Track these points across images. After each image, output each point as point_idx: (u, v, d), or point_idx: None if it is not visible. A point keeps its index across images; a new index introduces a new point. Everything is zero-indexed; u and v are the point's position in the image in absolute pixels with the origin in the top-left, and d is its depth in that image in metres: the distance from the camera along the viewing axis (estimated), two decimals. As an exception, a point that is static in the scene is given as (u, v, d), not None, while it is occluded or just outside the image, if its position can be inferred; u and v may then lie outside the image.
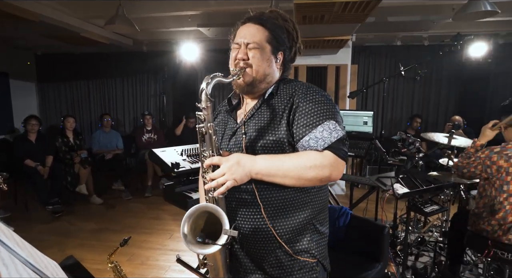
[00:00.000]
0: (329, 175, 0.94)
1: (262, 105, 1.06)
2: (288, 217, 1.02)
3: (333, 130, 0.95)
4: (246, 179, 0.94)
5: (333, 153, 0.94)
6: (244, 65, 1.04)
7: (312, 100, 1.00)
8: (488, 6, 2.98)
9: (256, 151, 1.01)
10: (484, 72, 5.26)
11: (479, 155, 1.94)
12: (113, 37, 4.73)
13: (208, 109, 0.94)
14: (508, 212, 1.84)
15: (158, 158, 2.36)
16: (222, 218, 0.89)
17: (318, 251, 1.07)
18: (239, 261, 1.10)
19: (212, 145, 0.96)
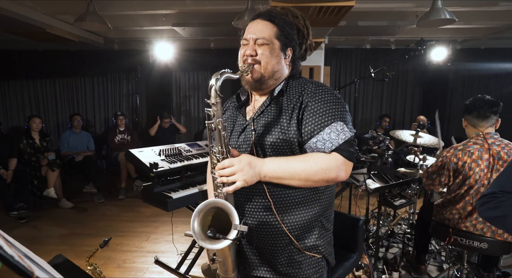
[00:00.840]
0: (336, 177, 0.95)
1: (271, 103, 1.06)
2: (297, 213, 1.03)
3: (341, 132, 0.95)
4: (255, 180, 0.95)
5: (340, 155, 0.94)
6: (253, 61, 1.02)
7: (321, 100, 0.99)
8: (447, 15, 3.23)
9: (265, 148, 1.01)
10: (444, 75, 5.66)
11: (445, 154, 2.10)
12: (83, 35, 4.55)
13: (217, 105, 0.93)
14: (467, 202, 2.01)
15: (136, 158, 2.32)
16: (232, 213, 0.90)
17: (324, 247, 1.09)
18: (245, 257, 1.11)
19: (221, 140, 0.95)
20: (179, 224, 3.40)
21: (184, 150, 2.68)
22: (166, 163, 2.35)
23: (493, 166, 1.95)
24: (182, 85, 6.01)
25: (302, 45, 1.11)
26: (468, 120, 2.11)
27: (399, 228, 3.31)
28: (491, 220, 1.02)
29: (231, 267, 1.06)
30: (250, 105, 1.13)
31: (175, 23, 4.26)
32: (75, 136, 4.80)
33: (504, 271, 2.58)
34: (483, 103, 2.01)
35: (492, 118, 2.03)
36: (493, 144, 1.99)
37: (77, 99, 6.07)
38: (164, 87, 5.87)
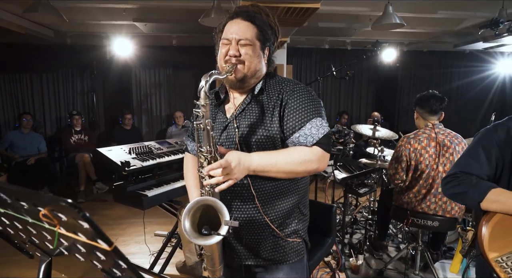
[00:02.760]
0: (317, 168, 1.04)
1: (252, 101, 1.10)
2: (278, 204, 1.10)
3: (320, 127, 1.03)
4: (244, 175, 0.99)
5: (320, 148, 1.03)
6: (236, 61, 1.05)
7: (299, 97, 1.07)
8: (397, 19, 3.57)
9: (250, 145, 1.06)
10: (393, 74, 6.19)
11: (400, 144, 2.36)
12: (30, 27, 4.18)
13: (206, 107, 0.96)
14: (421, 185, 2.27)
15: (105, 157, 2.23)
16: (222, 209, 0.93)
17: (303, 231, 1.19)
18: (233, 249, 1.16)
19: (210, 140, 0.98)
20: (148, 224, 3.31)
21: (155, 147, 2.63)
22: (138, 161, 2.30)
23: (439, 152, 2.25)
24: (142, 82, 5.79)
25: (274, 43, 1.16)
26: (420, 113, 2.40)
27: (361, 216, 3.58)
28: (454, 196, 1.18)
29: (218, 261, 1.12)
30: (229, 103, 1.16)
31: (136, 18, 4.11)
32: (23, 137, 4.40)
33: (449, 246, 2.95)
34: (434, 101, 2.30)
35: (439, 113, 2.34)
36: (439, 133, 2.29)
37: (23, 98, 5.54)
38: (124, 85, 5.62)
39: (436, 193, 2.24)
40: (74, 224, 0.38)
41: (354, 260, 2.60)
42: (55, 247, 0.44)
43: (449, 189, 1.19)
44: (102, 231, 0.36)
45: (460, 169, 1.19)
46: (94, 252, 0.43)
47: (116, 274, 0.45)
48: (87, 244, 0.41)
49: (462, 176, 1.16)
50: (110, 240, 0.38)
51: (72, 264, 0.60)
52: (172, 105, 5.90)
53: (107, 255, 0.40)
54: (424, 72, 6.30)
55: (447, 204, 2.23)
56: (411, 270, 2.55)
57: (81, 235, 0.39)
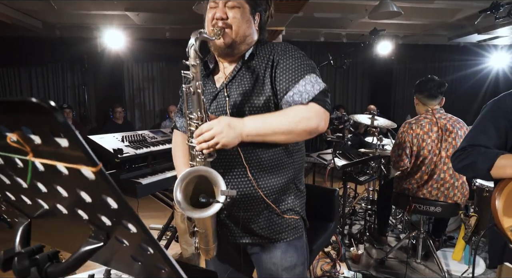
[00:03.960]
0: (317, 126, 0.95)
1: (243, 67, 1.04)
2: (272, 177, 1.03)
3: (315, 83, 0.97)
4: (237, 141, 0.91)
5: (318, 105, 0.95)
6: (223, 25, 0.98)
7: (292, 56, 1.00)
8: (395, 8, 3.54)
9: (242, 114, 0.99)
10: (388, 67, 6.17)
11: (401, 130, 2.31)
12: (17, 17, 4.04)
13: (197, 67, 0.88)
14: (423, 171, 2.22)
15: (96, 144, 2.13)
16: (217, 179, 0.86)
17: (300, 208, 1.12)
18: (227, 227, 1.09)
19: (200, 105, 0.90)
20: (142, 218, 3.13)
21: (149, 136, 2.54)
22: (131, 149, 2.20)
23: (441, 137, 2.20)
24: (135, 76, 5.67)
25: (266, 12, 1.10)
26: (420, 99, 2.36)
27: (359, 207, 3.53)
28: (463, 168, 1.14)
29: (212, 238, 1.05)
30: (219, 73, 1.10)
31: (128, 8, 4.00)
32: (12, 132, 4.25)
33: (449, 235, 2.92)
34: (433, 85, 2.26)
35: (439, 97, 2.30)
36: (440, 118, 2.24)
37: (11, 92, 5.38)
38: (115, 78, 5.49)
39: (438, 179, 2.20)
40: (49, 149, 0.31)
41: (355, 249, 2.54)
42: (29, 183, 0.36)
43: (458, 162, 1.15)
44: (83, 144, 0.28)
45: (469, 143, 1.16)
46: (77, 193, 0.35)
47: (104, 223, 0.38)
48: (67, 178, 0.33)
49: (471, 148, 1.12)
50: (94, 159, 0.30)
51: (54, 227, 0.51)
52: (165, 99, 5.79)
53: (92, 189, 0.32)
54: (418, 66, 6.30)
55: (449, 189, 2.19)
56: (413, 259, 2.50)
57: (59, 160, 0.31)
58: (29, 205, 0.46)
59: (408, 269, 2.36)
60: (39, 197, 0.42)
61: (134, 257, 0.44)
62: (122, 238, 0.40)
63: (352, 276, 2.26)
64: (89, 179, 0.31)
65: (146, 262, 0.44)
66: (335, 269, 2.37)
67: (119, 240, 0.41)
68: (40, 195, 0.41)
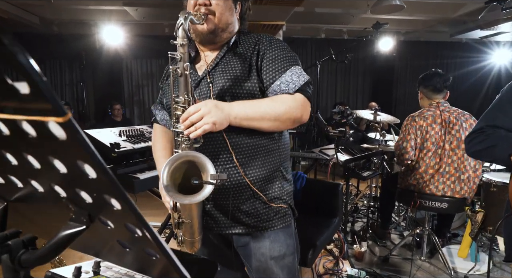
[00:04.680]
0: (301, 116, 0.99)
1: (226, 54, 1.04)
2: (258, 164, 1.02)
3: (300, 74, 1.00)
4: (225, 123, 0.90)
5: (303, 95, 0.99)
6: (206, 11, 0.98)
7: (278, 47, 1.03)
8: (397, 1, 3.48)
9: (225, 99, 0.98)
10: (390, 64, 6.11)
11: (405, 124, 2.26)
12: (13, 11, 3.98)
13: (185, 47, 0.85)
14: (428, 165, 2.17)
15: (93, 139, 2.07)
16: (206, 163, 0.82)
17: (288, 196, 1.11)
18: (213, 218, 1.06)
19: (188, 88, 0.87)
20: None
21: (147, 131, 2.48)
22: (129, 143, 2.14)
23: (445, 129, 2.16)
24: (134, 73, 5.61)
25: (246, 3, 1.11)
26: (424, 93, 2.31)
27: (361, 204, 3.47)
28: (479, 152, 1.07)
29: (197, 229, 1.01)
30: (200, 62, 1.08)
31: (126, 3, 3.94)
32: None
33: (454, 233, 2.86)
34: (438, 78, 2.22)
35: (444, 91, 2.26)
36: (444, 111, 2.20)
37: (9, 90, 5.32)
38: (114, 75, 5.43)
39: (444, 173, 2.14)
40: (9, 102, 0.25)
41: (358, 247, 2.48)
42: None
43: (474, 145, 1.08)
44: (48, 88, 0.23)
45: (486, 123, 1.09)
46: (50, 163, 0.29)
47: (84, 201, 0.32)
48: (36, 142, 0.27)
49: (489, 130, 1.06)
50: (61, 107, 0.24)
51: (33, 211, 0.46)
52: (165, 97, 5.73)
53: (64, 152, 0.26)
54: (420, 63, 6.25)
55: (456, 183, 2.14)
56: (417, 256, 2.45)
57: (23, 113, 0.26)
58: (2, 185, 0.41)
59: (413, 266, 2.31)
60: (10, 172, 0.36)
61: (121, 242, 0.38)
62: (106, 219, 0.34)
63: (355, 274, 2.20)
64: (59, 139, 0.26)
65: (135, 248, 0.38)
66: (338, 267, 2.32)
67: (102, 221, 0.35)
68: (11, 169, 0.35)
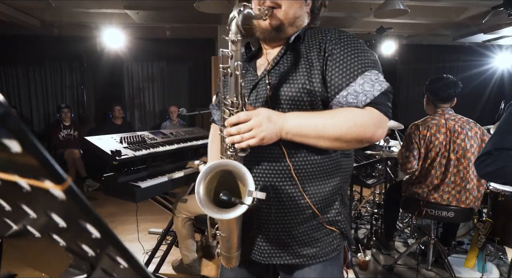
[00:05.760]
0: (372, 136, 0.80)
1: (287, 52, 0.91)
2: (320, 183, 0.89)
3: (376, 82, 0.80)
4: (275, 138, 0.79)
5: (377, 109, 0.79)
6: (272, 4, 0.87)
7: (348, 45, 0.84)
8: (401, 6, 3.45)
9: (282, 104, 0.86)
10: (392, 68, 6.07)
11: (408, 132, 2.22)
12: (13, 15, 3.94)
13: (237, 44, 0.76)
14: (433, 175, 2.13)
15: (93, 146, 2.04)
16: (246, 177, 0.74)
17: (343, 223, 0.96)
18: (255, 243, 0.93)
19: (238, 90, 0.78)
20: (141, 221, 3.12)
21: (148, 137, 2.45)
22: (130, 151, 2.11)
23: (450, 138, 2.11)
24: (135, 76, 5.57)
25: None
26: (431, 100, 2.26)
27: (365, 210, 3.43)
28: (491, 174, 1.05)
29: (236, 245, 0.92)
30: (261, 59, 0.97)
31: (127, 6, 3.91)
32: (9, 133, 4.16)
33: (459, 240, 2.82)
34: (448, 88, 2.16)
35: (451, 99, 2.20)
36: (449, 119, 2.16)
37: (8, 91, 5.26)
38: (115, 78, 5.38)
39: (449, 182, 2.10)
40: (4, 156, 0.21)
41: (362, 256, 2.44)
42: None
43: (484, 167, 1.06)
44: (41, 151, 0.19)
45: (494, 146, 1.06)
46: (48, 215, 0.26)
47: (86, 253, 0.28)
48: (31, 195, 0.23)
49: (498, 151, 1.03)
50: (59, 173, 0.21)
51: (30, 248, 0.42)
52: (166, 99, 5.70)
53: (64, 211, 0.23)
54: (423, 66, 6.21)
55: (461, 193, 2.10)
56: (423, 266, 2.40)
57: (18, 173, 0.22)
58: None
59: (418, 276, 2.27)
60: (4, 215, 0.33)
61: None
62: (111, 272, 0.31)
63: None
64: (58, 199, 0.22)
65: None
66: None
67: (107, 272, 0.32)
68: (4, 213, 0.31)
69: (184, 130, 2.89)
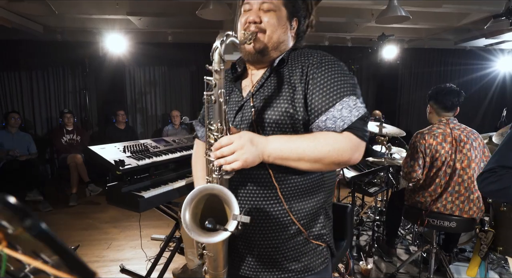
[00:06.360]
0: (349, 159, 0.84)
1: (271, 75, 0.94)
2: (305, 200, 0.92)
3: (353, 108, 0.83)
4: (258, 160, 0.82)
5: (354, 134, 0.83)
6: (256, 29, 0.90)
7: (328, 71, 0.87)
8: (403, 12, 3.45)
9: (265, 127, 0.89)
10: (394, 72, 6.07)
11: (413, 140, 2.21)
12: (17, 21, 3.97)
13: (220, 73, 0.80)
14: (437, 184, 2.13)
15: (97, 156, 2.05)
16: (230, 201, 0.77)
17: (328, 236, 1.01)
18: (239, 256, 0.97)
19: (221, 116, 0.81)
20: (144, 227, 3.14)
21: (151, 146, 2.46)
22: (133, 160, 2.12)
23: (455, 148, 2.11)
24: (137, 80, 5.59)
25: (306, 19, 1.00)
26: (435, 109, 2.26)
27: (366, 216, 3.43)
28: (494, 193, 1.05)
29: (222, 263, 0.96)
30: (246, 79, 1.00)
31: (130, 12, 3.93)
32: (11, 137, 4.18)
33: (461, 248, 2.82)
34: (451, 97, 2.16)
35: (455, 109, 2.21)
36: (454, 128, 2.16)
37: (12, 96, 5.29)
38: (117, 83, 5.40)
39: (453, 192, 2.11)
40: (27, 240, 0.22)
41: (364, 264, 2.45)
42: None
43: (487, 185, 1.07)
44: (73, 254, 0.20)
45: (498, 163, 1.07)
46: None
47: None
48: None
49: (501, 170, 1.04)
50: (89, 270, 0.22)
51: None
52: (168, 104, 5.71)
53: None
54: (424, 70, 6.21)
55: (465, 203, 2.10)
56: (425, 274, 2.41)
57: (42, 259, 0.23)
58: None
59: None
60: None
61: None
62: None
63: (362, 292, 2.17)
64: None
65: None
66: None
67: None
68: None
69: (187, 138, 2.90)
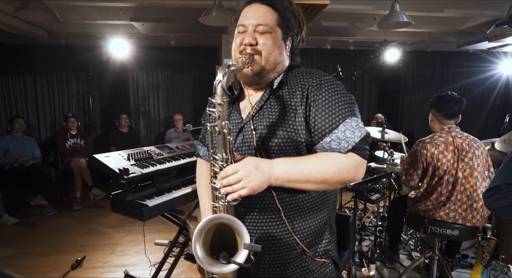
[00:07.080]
0: (353, 178, 0.87)
1: (270, 97, 0.94)
2: (308, 219, 0.94)
3: (356, 129, 0.86)
4: (265, 185, 0.83)
5: (357, 154, 0.86)
6: (252, 51, 0.90)
7: (329, 93, 0.89)
8: (405, 18, 3.46)
9: (269, 150, 0.90)
10: (396, 74, 6.08)
11: (415, 149, 2.22)
12: (22, 27, 4.01)
13: (224, 106, 0.81)
14: (440, 193, 2.14)
15: (102, 164, 2.07)
16: (241, 230, 0.78)
17: (333, 252, 1.03)
18: (249, 276, 0.99)
19: (226, 146, 0.83)
20: (148, 232, 3.16)
21: (155, 153, 2.49)
22: (138, 168, 2.14)
23: (458, 157, 2.11)
24: (140, 84, 5.63)
25: (298, 36, 1.00)
26: (436, 117, 2.27)
27: (369, 221, 3.44)
28: (500, 209, 1.07)
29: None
30: (244, 101, 1.01)
31: (133, 18, 3.96)
32: (16, 141, 4.22)
33: (463, 254, 2.82)
34: (453, 105, 2.17)
35: (456, 116, 2.21)
36: (456, 137, 2.16)
37: (16, 100, 5.34)
38: (120, 86, 5.44)
39: (456, 201, 2.11)
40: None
41: (366, 270, 2.46)
42: None
43: (493, 202, 1.08)
44: None
45: (504, 181, 1.08)
46: None
47: None
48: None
49: (507, 187, 1.05)
50: None
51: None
52: (170, 107, 5.75)
53: None
54: (427, 72, 6.21)
55: (468, 212, 2.10)
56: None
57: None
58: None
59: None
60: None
61: None
62: None
63: (364, 300, 2.18)
64: None
65: None
66: (346, 292, 2.29)
67: None
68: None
69: (190, 143, 2.92)
